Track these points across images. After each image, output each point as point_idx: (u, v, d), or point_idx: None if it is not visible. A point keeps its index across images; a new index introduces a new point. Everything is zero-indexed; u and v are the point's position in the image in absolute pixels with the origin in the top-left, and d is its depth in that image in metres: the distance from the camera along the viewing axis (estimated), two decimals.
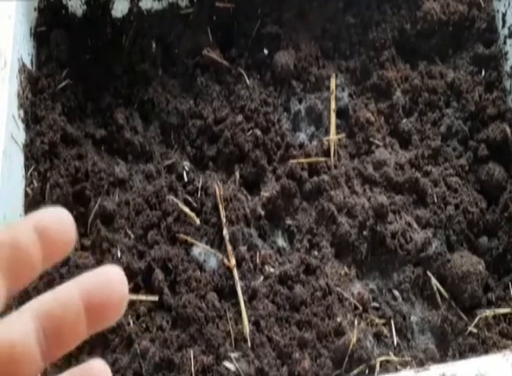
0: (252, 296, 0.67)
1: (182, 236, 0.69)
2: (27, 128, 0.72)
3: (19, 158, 0.70)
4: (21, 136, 0.70)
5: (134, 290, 0.67)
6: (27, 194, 0.70)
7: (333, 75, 0.79)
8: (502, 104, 0.77)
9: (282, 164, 0.75)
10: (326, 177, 0.73)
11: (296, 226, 0.72)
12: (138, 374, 0.63)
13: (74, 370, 0.32)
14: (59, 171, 0.71)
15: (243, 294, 0.66)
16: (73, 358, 0.64)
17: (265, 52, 0.81)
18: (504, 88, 0.79)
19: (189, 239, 0.69)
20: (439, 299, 0.69)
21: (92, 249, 0.69)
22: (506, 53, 0.79)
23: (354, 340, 0.63)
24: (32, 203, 0.69)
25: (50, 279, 0.65)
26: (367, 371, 0.63)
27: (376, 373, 0.62)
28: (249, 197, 0.73)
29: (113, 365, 0.63)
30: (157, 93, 0.79)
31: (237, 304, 0.66)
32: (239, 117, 0.76)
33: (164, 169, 0.75)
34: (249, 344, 0.64)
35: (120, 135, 0.76)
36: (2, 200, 0.63)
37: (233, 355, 0.63)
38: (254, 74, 0.81)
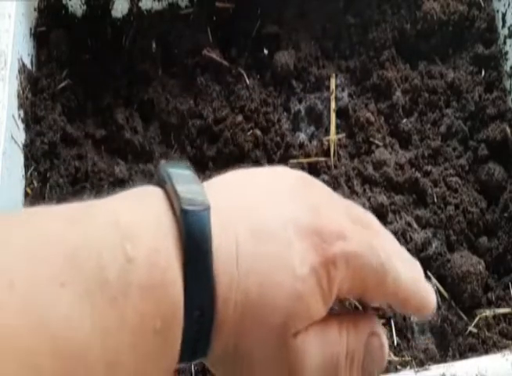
0: None
1: None
2: (27, 128, 0.72)
3: (19, 158, 0.69)
4: (21, 136, 0.70)
5: None
6: (26, 194, 0.70)
7: (333, 75, 0.79)
8: (502, 104, 0.77)
9: (282, 164, 0.75)
10: (326, 177, 0.73)
11: None
12: None
13: None
14: (59, 171, 0.71)
15: None
16: None
17: (265, 52, 0.81)
18: (504, 88, 0.79)
19: None
20: (439, 299, 0.69)
21: None
22: (506, 53, 0.79)
23: None
24: (32, 203, 0.69)
25: None
26: None
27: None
28: None
29: None
30: (157, 93, 0.79)
31: None
32: (239, 117, 0.76)
33: None
34: None
35: (120, 135, 0.76)
36: (2, 201, 0.63)
37: None
38: (254, 74, 0.81)
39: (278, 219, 0.34)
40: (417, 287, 0.39)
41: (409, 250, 0.70)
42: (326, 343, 0.36)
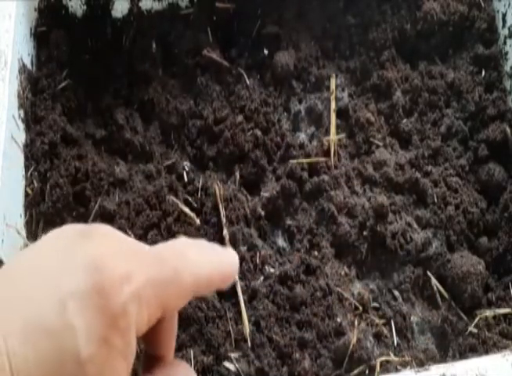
0: (252, 296, 0.67)
1: (182, 236, 0.69)
2: (27, 128, 0.72)
3: (19, 158, 0.69)
4: (21, 136, 0.70)
5: None
6: (27, 194, 0.70)
7: (333, 75, 0.79)
8: (502, 104, 0.77)
9: (282, 165, 0.75)
10: (326, 177, 0.73)
11: (296, 226, 0.72)
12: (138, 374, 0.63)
13: None
14: (59, 171, 0.71)
15: (243, 294, 0.66)
16: None
17: (265, 52, 0.81)
18: (504, 89, 0.79)
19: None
20: (439, 299, 0.69)
21: None
22: (506, 53, 0.79)
23: (354, 340, 0.63)
24: (32, 203, 0.69)
25: None
26: (367, 371, 0.63)
27: (376, 373, 0.62)
28: (249, 197, 0.73)
29: None
30: (157, 93, 0.79)
31: (237, 304, 0.66)
32: (240, 118, 0.76)
33: (164, 169, 0.75)
34: (249, 344, 0.64)
35: (120, 136, 0.76)
36: (2, 200, 0.63)
37: (233, 355, 0.63)
38: (254, 74, 0.81)
39: (52, 302, 0.31)
40: (216, 264, 0.38)
41: (409, 250, 0.70)
42: None
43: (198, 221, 0.70)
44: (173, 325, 0.39)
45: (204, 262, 0.37)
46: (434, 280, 0.69)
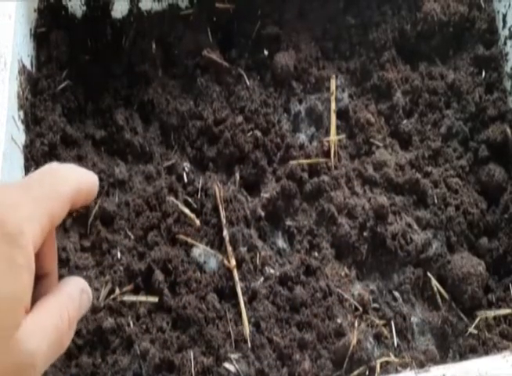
0: (252, 297, 0.67)
1: (182, 237, 0.69)
2: (27, 129, 0.72)
3: (19, 159, 0.69)
4: (21, 137, 0.70)
5: (134, 291, 0.67)
6: None
7: (334, 76, 0.79)
8: (502, 105, 0.77)
9: (282, 165, 0.75)
10: (326, 178, 0.73)
11: (296, 227, 0.72)
12: (138, 375, 0.63)
13: None
14: None
15: (243, 295, 0.66)
16: (74, 358, 0.64)
17: (265, 52, 0.81)
18: (504, 89, 0.79)
19: (189, 240, 0.69)
20: (439, 300, 0.69)
21: (92, 250, 0.69)
22: (506, 54, 0.79)
23: (354, 341, 0.63)
24: None
25: None
26: (367, 372, 0.63)
27: (376, 374, 0.62)
28: (249, 198, 0.73)
29: (113, 366, 0.63)
30: (157, 94, 0.79)
31: (237, 305, 0.66)
32: (239, 118, 0.76)
33: (164, 170, 0.75)
34: (249, 345, 0.64)
35: (120, 136, 0.76)
36: None
37: (233, 356, 0.63)
38: (254, 75, 0.81)
39: None
40: (83, 176, 0.47)
41: (409, 251, 0.70)
42: (48, 327, 0.41)
43: (198, 222, 0.70)
44: (53, 238, 0.47)
45: (73, 175, 0.46)
46: (434, 281, 0.69)
